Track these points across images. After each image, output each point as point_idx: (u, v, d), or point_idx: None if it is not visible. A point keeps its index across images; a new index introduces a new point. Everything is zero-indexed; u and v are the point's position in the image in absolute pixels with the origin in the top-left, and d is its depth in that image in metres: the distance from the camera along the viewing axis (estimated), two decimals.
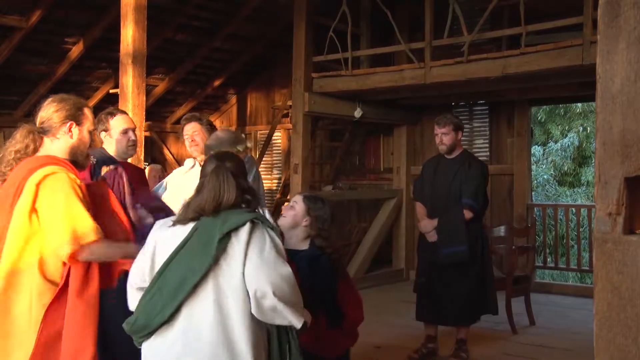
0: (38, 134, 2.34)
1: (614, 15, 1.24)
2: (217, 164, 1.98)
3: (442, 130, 4.13)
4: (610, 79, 1.26)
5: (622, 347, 1.20)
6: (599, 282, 1.25)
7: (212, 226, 1.88)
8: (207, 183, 1.95)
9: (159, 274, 1.89)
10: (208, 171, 1.99)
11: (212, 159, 2.03)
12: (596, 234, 1.26)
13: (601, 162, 1.27)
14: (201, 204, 1.92)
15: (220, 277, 1.86)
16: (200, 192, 1.96)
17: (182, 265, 1.86)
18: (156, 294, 1.87)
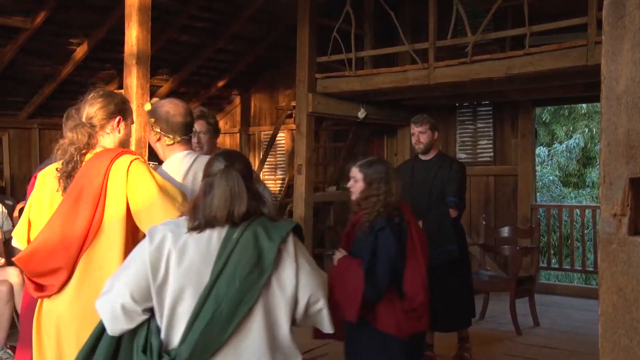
0: (90, 128, 2.33)
1: (619, 15, 1.24)
2: (226, 165, 1.79)
3: (419, 129, 4.10)
4: (615, 79, 1.25)
5: (628, 349, 1.19)
6: (603, 283, 1.25)
7: (255, 237, 1.74)
8: (216, 186, 1.77)
9: (205, 297, 1.67)
10: (215, 171, 1.80)
11: (220, 158, 1.84)
12: (601, 235, 1.26)
13: (606, 163, 1.26)
14: (212, 211, 1.75)
15: (271, 288, 1.74)
16: (208, 195, 1.78)
17: (234, 283, 1.68)
18: (213, 318, 1.66)
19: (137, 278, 1.71)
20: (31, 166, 7.21)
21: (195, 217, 1.77)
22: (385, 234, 2.72)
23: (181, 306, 1.69)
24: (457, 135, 7.36)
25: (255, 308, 1.71)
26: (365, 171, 2.87)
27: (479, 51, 5.44)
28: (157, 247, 1.72)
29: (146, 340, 1.71)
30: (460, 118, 7.38)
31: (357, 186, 2.89)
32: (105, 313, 1.73)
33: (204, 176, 1.84)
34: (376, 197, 2.78)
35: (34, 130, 7.41)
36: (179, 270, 1.69)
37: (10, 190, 7.11)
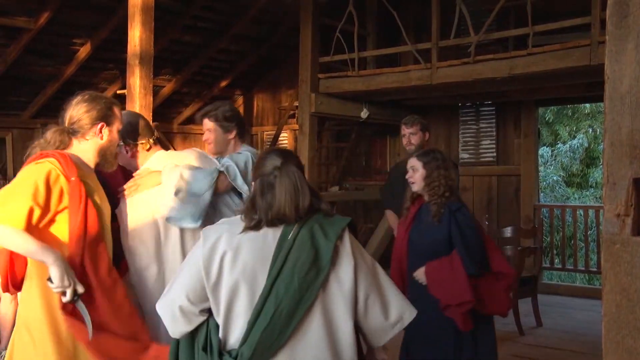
0: (67, 133, 2.28)
1: (622, 15, 1.23)
2: (282, 162, 1.77)
3: (410, 130, 4.05)
4: (618, 79, 1.25)
5: (631, 349, 1.19)
6: (607, 283, 1.24)
7: (312, 235, 1.72)
8: (278, 184, 1.74)
9: (265, 297, 1.67)
10: (269, 170, 1.77)
11: (273, 156, 1.80)
12: (604, 235, 1.26)
13: (609, 163, 1.26)
14: (280, 208, 1.72)
15: (328, 286, 1.71)
16: (268, 193, 1.75)
17: (293, 282, 1.66)
18: (273, 318, 1.65)
19: (191, 279, 1.73)
20: None
21: (252, 216, 1.75)
22: (465, 211, 2.93)
23: (237, 305, 1.70)
24: (460, 135, 7.35)
25: (314, 307, 1.69)
26: (424, 159, 3.03)
27: (482, 51, 5.43)
28: (211, 248, 1.72)
29: (206, 339, 1.73)
30: (462, 118, 7.37)
31: (417, 175, 3.04)
32: (165, 315, 1.76)
33: (257, 175, 1.81)
34: (438, 182, 2.95)
35: (37, 130, 7.42)
36: (234, 270, 1.69)
37: None
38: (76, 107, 2.29)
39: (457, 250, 2.87)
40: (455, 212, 2.91)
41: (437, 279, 2.88)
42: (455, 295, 2.81)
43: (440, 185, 2.95)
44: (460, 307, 2.81)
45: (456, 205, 2.94)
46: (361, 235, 7.42)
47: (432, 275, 2.91)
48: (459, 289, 2.80)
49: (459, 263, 2.83)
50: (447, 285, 2.83)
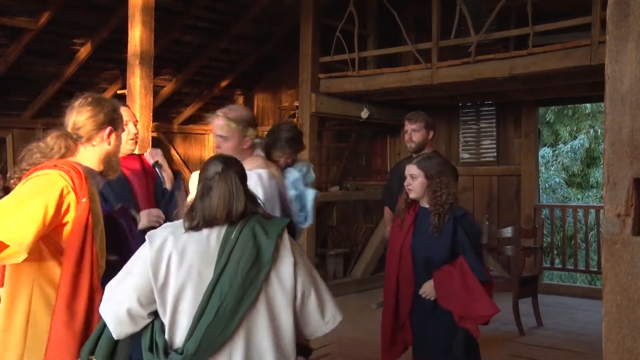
0: (72, 139, 2.15)
1: (623, 15, 1.23)
2: (223, 167, 1.86)
3: (413, 127, 3.84)
4: (619, 79, 1.25)
5: (632, 349, 1.19)
6: (607, 283, 1.24)
7: (254, 234, 1.81)
8: (215, 188, 1.83)
9: (210, 293, 1.73)
10: (211, 174, 1.86)
11: (216, 162, 1.89)
12: (605, 235, 1.26)
13: (610, 163, 1.26)
14: (212, 211, 1.81)
15: (270, 282, 1.80)
16: (206, 196, 1.83)
17: (237, 278, 1.74)
18: (218, 313, 1.71)
19: (141, 282, 1.77)
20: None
21: (192, 217, 1.82)
22: (470, 217, 2.87)
23: (183, 305, 1.75)
24: (460, 135, 7.35)
25: (258, 303, 1.77)
26: (424, 166, 2.92)
27: (483, 51, 5.43)
28: (158, 250, 1.77)
29: (151, 339, 1.78)
30: (463, 118, 7.37)
31: (417, 183, 2.92)
32: (110, 318, 1.79)
33: (200, 179, 1.89)
34: (440, 192, 2.85)
35: (37, 130, 7.42)
36: (180, 270, 1.75)
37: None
38: (80, 111, 2.17)
39: (466, 257, 2.77)
40: (460, 218, 2.83)
41: (447, 290, 2.77)
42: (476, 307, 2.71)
43: (442, 195, 2.84)
44: (481, 318, 2.74)
45: (460, 211, 2.86)
46: (361, 236, 7.41)
47: (442, 287, 2.80)
48: (481, 301, 2.71)
49: (471, 275, 2.73)
50: (464, 299, 2.72)
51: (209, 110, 9.59)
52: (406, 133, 3.90)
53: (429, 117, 3.94)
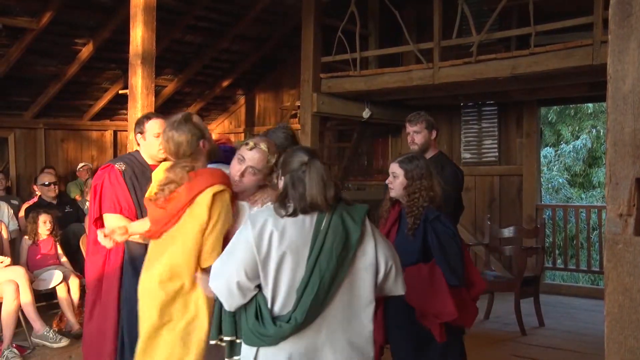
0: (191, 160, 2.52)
1: (625, 14, 1.23)
2: (310, 158, 2.06)
3: (414, 129, 3.75)
4: (621, 79, 1.25)
5: (634, 349, 1.19)
6: (609, 283, 1.24)
7: (342, 220, 2.04)
8: (308, 177, 2.03)
9: (311, 271, 1.97)
10: (297, 166, 2.05)
11: (300, 153, 2.10)
12: (607, 235, 1.25)
13: (612, 163, 1.26)
14: (312, 198, 2.01)
15: (356, 260, 2.05)
16: (299, 186, 2.03)
17: (332, 259, 1.98)
18: (319, 288, 1.96)
19: (246, 258, 2.00)
20: (36, 166, 7.24)
21: (286, 206, 2.04)
22: (444, 220, 2.77)
23: (283, 276, 1.99)
24: (462, 135, 7.35)
25: (345, 280, 2.03)
26: (406, 167, 2.85)
27: (484, 51, 5.42)
28: (260, 230, 2.01)
29: (256, 310, 2.02)
30: (465, 118, 7.36)
31: (397, 182, 2.87)
32: (222, 292, 2.05)
33: (286, 171, 2.09)
34: (418, 193, 2.80)
35: (39, 130, 7.44)
36: (281, 245, 1.99)
37: (16, 190, 7.14)
38: (179, 133, 2.51)
39: (436, 261, 2.73)
40: (432, 221, 2.75)
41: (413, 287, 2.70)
42: (435, 304, 2.68)
43: (420, 197, 2.78)
44: (438, 317, 2.68)
45: (433, 214, 2.76)
46: None
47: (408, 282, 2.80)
48: (441, 300, 2.66)
49: (440, 274, 2.69)
50: (425, 294, 2.70)
51: (211, 110, 9.64)
52: (408, 135, 3.83)
53: (430, 117, 3.85)
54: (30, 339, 4.64)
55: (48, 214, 5.27)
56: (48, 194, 5.91)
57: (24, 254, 5.18)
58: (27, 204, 5.90)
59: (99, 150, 8.04)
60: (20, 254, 5.20)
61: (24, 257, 5.17)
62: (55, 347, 4.58)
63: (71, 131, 7.78)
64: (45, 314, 4.91)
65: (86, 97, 7.55)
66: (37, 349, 4.59)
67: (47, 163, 7.22)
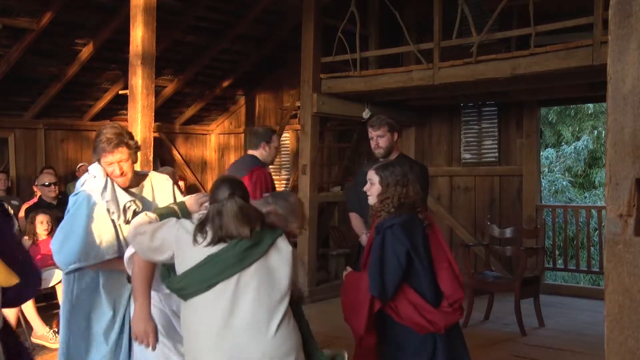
0: None
1: (625, 15, 1.23)
2: (229, 194, 2.24)
3: (377, 133, 3.74)
4: (621, 79, 1.25)
5: (634, 349, 1.19)
6: (609, 284, 1.24)
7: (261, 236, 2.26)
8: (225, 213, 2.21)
9: (208, 259, 2.20)
10: (221, 198, 2.23)
11: (224, 186, 2.27)
12: (607, 235, 1.25)
13: (612, 163, 1.26)
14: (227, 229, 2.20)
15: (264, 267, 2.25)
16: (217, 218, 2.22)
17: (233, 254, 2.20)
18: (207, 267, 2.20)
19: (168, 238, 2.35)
20: (36, 166, 7.24)
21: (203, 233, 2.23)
22: (391, 231, 2.69)
23: None
24: (462, 136, 7.35)
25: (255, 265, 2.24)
26: (382, 174, 2.83)
27: (484, 51, 5.42)
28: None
29: None
30: (465, 118, 7.36)
31: (374, 189, 2.86)
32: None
33: (211, 201, 2.29)
34: (391, 199, 2.77)
35: (39, 130, 7.44)
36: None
37: (17, 190, 7.14)
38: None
39: (369, 268, 2.70)
40: (387, 228, 2.70)
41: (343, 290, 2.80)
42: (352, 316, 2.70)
43: (390, 203, 2.75)
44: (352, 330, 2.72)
45: (391, 222, 2.71)
46: None
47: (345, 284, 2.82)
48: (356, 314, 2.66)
49: (366, 284, 2.67)
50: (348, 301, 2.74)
51: (211, 110, 9.63)
52: (372, 140, 3.82)
53: (391, 119, 3.87)
54: (30, 339, 4.64)
55: (46, 214, 5.27)
56: (48, 195, 5.91)
57: None
58: (27, 205, 5.89)
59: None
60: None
61: None
62: (55, 348, 4.58)
63: (71, 131, 7.78)
64: (45, 314, 4.91)
65: (86, 98, 7.55)
66: (37, 349, 4.59)
67: (47, 163, 7.21)
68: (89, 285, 2.73)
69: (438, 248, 2.81)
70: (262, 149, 4.12)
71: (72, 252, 2.63)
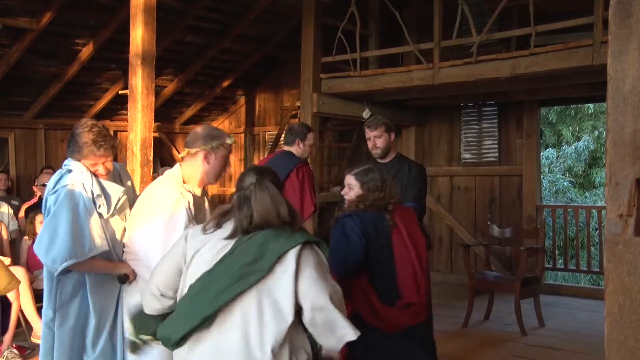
0: None
1: (625, 15, 1.23)
2: (257, 178, 1.95)
3: (374, 133, 3.78)
4: (621, 79, 1.25)
5: (634, 349, 1.19)
6: (610, 284, 1.24)
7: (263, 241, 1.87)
8: (253, 199, 1.92)
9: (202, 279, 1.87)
10: (247, 185, 1.95)
11: (252, 173, 1.99)
12: (607, 235, 1.25)
13: (612, 164, 1.26)
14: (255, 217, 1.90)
15: (266, 290, 1.84)
16: (245, 206, 1.93)
17: (229, 273, 1.83)
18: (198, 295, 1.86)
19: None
20: (36, 166, 7.24)
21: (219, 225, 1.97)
22: (350, 218, 2.72)
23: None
24: (462, 136, 7.35)
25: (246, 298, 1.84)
26: (362, 179, 2.84)
27: (484, 51, 5.42)
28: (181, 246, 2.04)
29: None
30: (465, 118, 7.36)
31: (352, 194, 2.86)
32: None
33: (237, 190, 2.00)
34: (365, 201, 2.77)
35: (39, 130, 7.44)
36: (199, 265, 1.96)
37: (17, 190, 7.14)
38: None
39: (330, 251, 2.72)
40: (344, 217, 2.75)
41: None
42: None
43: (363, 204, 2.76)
44: None
45: (344, 214, 2.76)
46: None
47: None
48: None
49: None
50: None
51: (211, 111, 9.66)
52: (369, 141, 3.84)
53: (388, 119, 3.89)
54: (30, 339, 4.63)
55: None
56: None
57: (24, 255, 5.18)
58: (27, 204, 5.89)
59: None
60: (20, 254, 5.20)
61: (24, 258, 5.17)
62: None
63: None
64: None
65: (86, 98, 7.55)
66: (37, 349, 4.58)
67: (47, 163, 7.21)
68: (74, 291, 2.64)
69: (402, 249, 2.77)
70: (297, 145, 4.09)
71: (62, 249, 2.51)
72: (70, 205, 2.59)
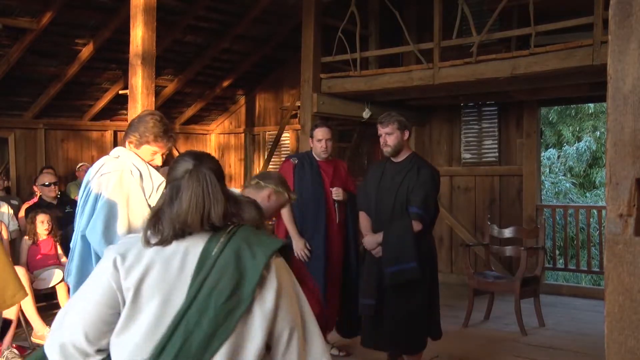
0: None
1: (625, 15, 1.23)
2: (194, 164, 1.50)
3: (386, 130, 3.61)
4: (621, 79, 1.25)
5: (634, 349, 1.19)
6: (610, 283, 1.24)
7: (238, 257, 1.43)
8: (184, 189, 1.47)
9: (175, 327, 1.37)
10: (181, 173, 1.50)
11: (186, 158, 1.53)
12: (607, 235, 1.25)
13: (612, 163, 1.26)
14: (182, 216, 1.45)
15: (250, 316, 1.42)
16: (176, 200, 1.47)
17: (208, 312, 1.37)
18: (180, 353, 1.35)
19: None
20: (36, 166, 7.24)
21: (157, 229, 1.47)
22: None
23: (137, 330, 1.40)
24: (462, 135, 7.35)
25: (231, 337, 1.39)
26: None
27: (484, 51, 5.42)
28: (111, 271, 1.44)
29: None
30: (465, 118, 7.36)
31: None
32: None
33: (168, 181, 1.54)
34: None
35: (39, 130, 7.44)
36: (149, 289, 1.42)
37: (17, 190, 7.14)
38: None
39: None
40: None
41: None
42: None
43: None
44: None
45: None
46: None
47: None
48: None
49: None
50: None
51: (211, 110, 9.67)
52: (380, 138, 3.68)
53: (402, 117, 3.72)
54: (30, 339, 4.64)
55: (46, 214, 5.27)
56: (48, 194, 5.91)
57: (24, 254, 5.19)
58: (27, 204, 5.90)
59: (99, 151, 8.03)
60: (20, 254, 5.20)
61: (24, 258, 5.17)
62: None
63: (71, 131, 7.78)
64: (45, 314, 4.90)
65: (86, 97, 7.55)
66: (37, 350, 4.58)
67: (47, 163, 7.22)
68: None
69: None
70: (311, 143, 4.31)
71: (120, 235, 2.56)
72: (123, 190, 2.68)
